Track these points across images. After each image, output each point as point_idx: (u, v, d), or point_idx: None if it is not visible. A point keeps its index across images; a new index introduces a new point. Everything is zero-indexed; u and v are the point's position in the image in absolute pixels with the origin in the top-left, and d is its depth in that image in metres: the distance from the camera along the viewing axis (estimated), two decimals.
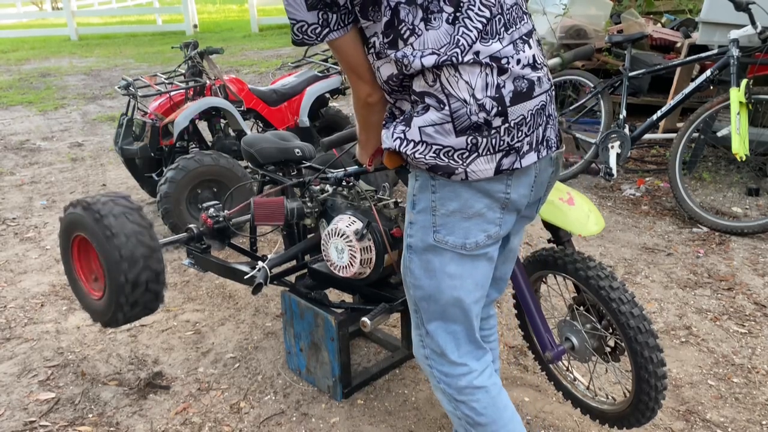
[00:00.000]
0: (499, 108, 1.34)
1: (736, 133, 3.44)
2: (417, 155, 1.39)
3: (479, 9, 1.33)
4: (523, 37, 1.39)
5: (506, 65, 1.34)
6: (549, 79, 1.45)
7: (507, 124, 1.35)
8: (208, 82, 4.21)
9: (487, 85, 1.33)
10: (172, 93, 4.15)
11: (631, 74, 4.18)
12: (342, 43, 1.39)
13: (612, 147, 4.05)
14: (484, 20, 1.33)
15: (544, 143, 1.44)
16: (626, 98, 4.19)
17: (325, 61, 4.75)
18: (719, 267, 3.23)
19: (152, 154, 4.02)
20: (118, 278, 2.18)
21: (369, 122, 1.57)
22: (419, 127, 1.38)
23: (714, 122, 4.15)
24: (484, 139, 1.35)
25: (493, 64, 1.33)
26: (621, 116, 4.12)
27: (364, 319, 2.09)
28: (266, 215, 2.34)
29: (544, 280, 2.13)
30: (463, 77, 1.32)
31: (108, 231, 2.15)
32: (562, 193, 1.85)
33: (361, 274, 2.13)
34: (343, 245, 2.10)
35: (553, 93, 1.49)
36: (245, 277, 2.39)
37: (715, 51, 3.86)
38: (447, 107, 1.34)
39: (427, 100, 1.36)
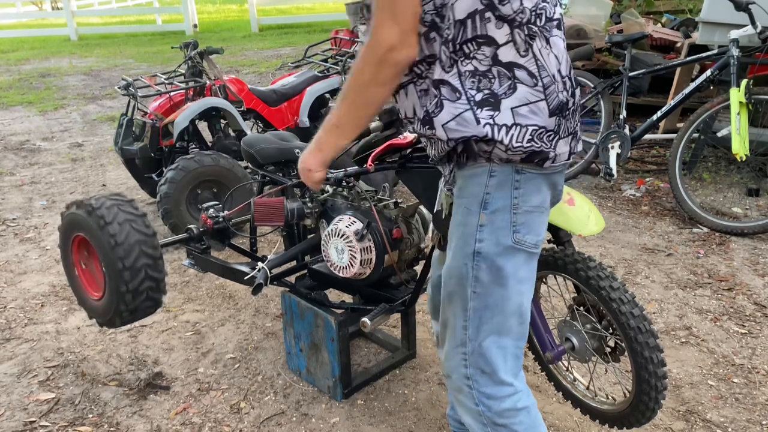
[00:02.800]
0: (573, 88, 1.27)
1: (736, 133, 3.44)
2: (515, 143, 1.21)
3: None
4: None
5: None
6: None
7: (575, 107, 1.28)
8: (208, 82, 4.21)
9: (567, 62, 1.23)
10: (172, 93, 4.15)
11: (631, 74, 4.18)
12: None
13: (612, 147, 4.05)
14: None
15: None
16: (626, 98, 4.18)
17: (325, 61, 4.74)
18: (719, 267, 3.22)
19: (152, 155, 4.02)
20: (119, 287, 2.18)
21: (370, 95, 1.26)
22: (512, 108, 1.19)
23: (714, 122, 4.15)
24: (563, 121, 1.24)
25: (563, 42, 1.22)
26: (621, 116, 4.12)
27: (364, 319, 2.09)
28: (266, 216, 2.34)
29: (544, 280, 2.13)
30: (553, 50, 1.20)
31: (112, 239, 2.15)
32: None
33: (361, 275, 2.13)
34: (343, 246, 2.10)
35: None
36: (245, 278, 2.39)
37: (715, 51, 3.86)
38: (540, 82, 1.19)
39: (517, 73, 1.19)
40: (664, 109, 4.02)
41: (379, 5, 1.15)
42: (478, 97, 1.20)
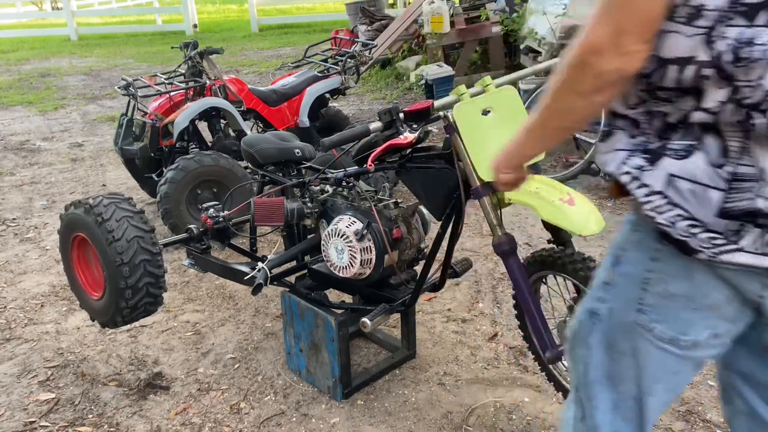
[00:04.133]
0: None
1: None
2: (648, 209, 0.99)
3: None
4: None
5: None
6: None
7: None
8: (208, 82, 4.21)
9: None
10: (172, 93, 4.15)
11: None
12: None
13: None
14: None
15: None
16: None
17: (325, 61, 4.74)
18: None
19: (152, 155, 4.02)
20: (118, 283, 2.18)
21: (565, 103, 1.04)
22: (669, 174, 0.96)
23: None
24: (749, 233, 0.94)
25: None
26: None
27: (364, 319, 2.09)
28: (266, 216, 2.34)
29: (544, 280, 2.13)
30: None
31: (110, 235, 2.15)
32: (562, 193, 1.84)
33: (361, 275, 2.13)
34: (343, 246, 2.10)
35: None
36: (245, 278, 2.39)
37: None
38: (731, 167, 0.91)
39: (706, 139, 0.93)
40: None
41: (605, 3, 0.93)
42: (636, 139, 1.00)
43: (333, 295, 2.62)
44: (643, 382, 1.13)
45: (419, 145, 2.04)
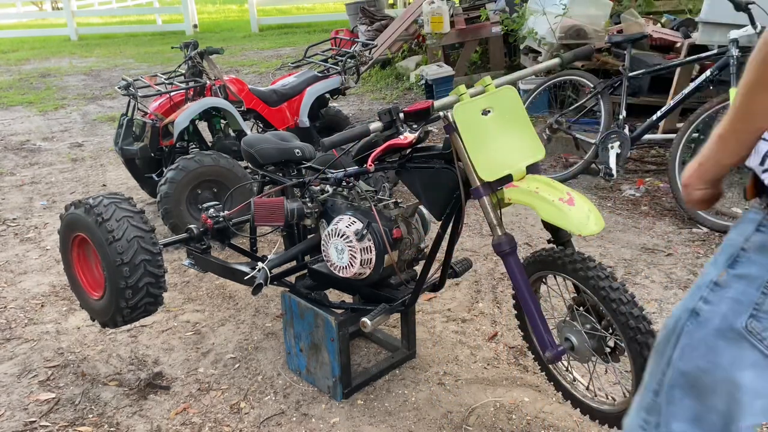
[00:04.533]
0: None
1: None
2: None
3: None
4: None
5: None
6: None
7: None
8: (208, 82, 4.21)
9: None
10: (172, 93, 4.15)
11: (631, 74, 4.18)
12: None
13: (612, 147, 4.05)
14: None
15: None
16: (626, 98, 4.18)
17: (325, 61, 4.75)
18: None
19: (152, 155, 4.02)
20: (118, 283, 2.18)
21: (757, 102, 0.99)
22: None
23: (714, 122, 4.15)
24: None
25: None
26: (621, 116, 4.12)
27: (364, 319, 2.09)
28: (266, 216, 2.34)
29: (544, 280, 2.13)
30: None
31: (110, 235, 2.16)
32: (562, 193, 1.85)
33: (361, 275, 2.14)
34: (343, 246, 2.10)
35: None
36: (245, 278, 2.39)
37: (715, 51, 3.86)
38: None
39: None
40: (664, 109, 4.02)
41: None
42: None
43: (333, 295, 2.62)
44: (739, 396, 1.03)
45: (419, 145, 2.04)
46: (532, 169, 1.94)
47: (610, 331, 1.90)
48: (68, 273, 2.53)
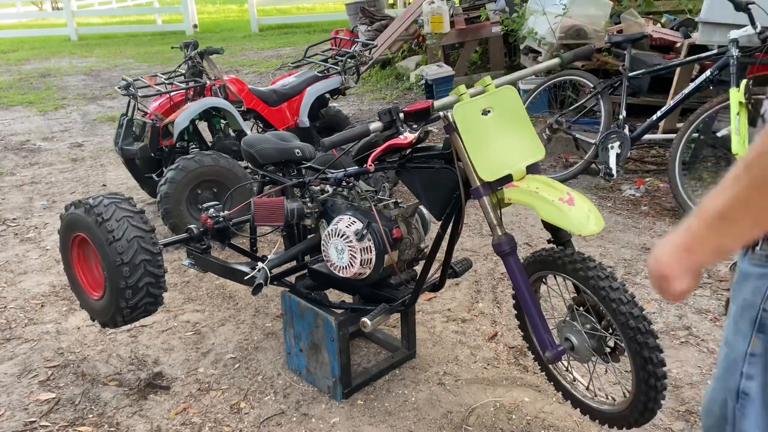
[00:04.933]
0: None
1: (736, 133, 3.43)
2: None
3: None
4: None
5: None
6: None
7: None
8: (208, 82, 4.21)
9: None
10: (172, 93, 4.15)
11: (630, 74, 4.18)
12: None
13: (612, 147, 4.05)
14: None
15: None
16: (626, 98, 4.18)
17: (325, 61, 4.75)
18: (719, 267, 3.22)
19: (152, 155, 4.02)
20: (118, 283, 2.18)
21: None
22: None
23: (713, 122, 4.15)
24: None
25: None
26: (621, 116, 4.12)
27: (364, 319, 2.09)
28: (266, 216, 2.34)
29: (544, 280, 2.13)
30: None
31: (110, 235, 2.16)
32: (562, 193, 1.85)
33: (361, 275, 2.14)
34: (343, 246, 2.10)
35: None
36: (245, 278, 2.39)
37: (715, 51, 3.86)
38: None
39: None
40: (664, 109, 4.01)
41: None
42: None
43: (333, 295, 2.62)
44: None
45: (419, 145, 2.04)
46: (532, 169, 1.94)
47: (610, 331, 1.90)
48: (68, 273, 2.53)
